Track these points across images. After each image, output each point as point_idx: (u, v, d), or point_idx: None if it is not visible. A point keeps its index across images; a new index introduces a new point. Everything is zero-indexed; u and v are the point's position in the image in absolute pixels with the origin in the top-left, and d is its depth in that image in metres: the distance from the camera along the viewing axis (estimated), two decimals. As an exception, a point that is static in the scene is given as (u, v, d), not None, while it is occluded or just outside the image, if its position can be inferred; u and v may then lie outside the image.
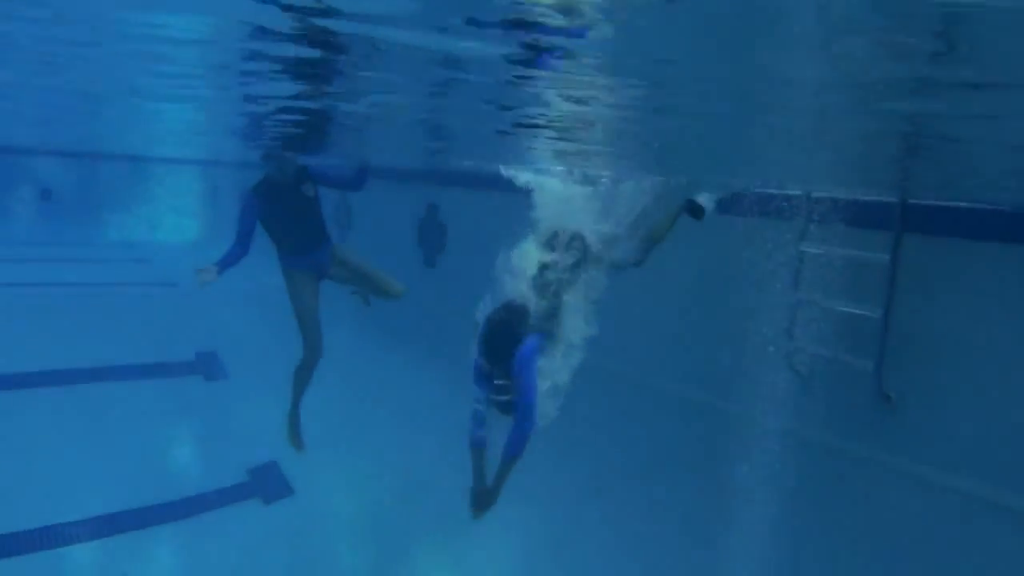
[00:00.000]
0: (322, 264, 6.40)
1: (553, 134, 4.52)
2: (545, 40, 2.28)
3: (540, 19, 2.05)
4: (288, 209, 6.15)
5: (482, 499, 4.82)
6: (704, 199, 5.74)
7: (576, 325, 4.89)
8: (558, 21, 2.05)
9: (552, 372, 4.73)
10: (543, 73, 2.78)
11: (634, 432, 7.51)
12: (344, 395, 8.81)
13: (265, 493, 7.21)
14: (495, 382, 4.65)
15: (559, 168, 6.17)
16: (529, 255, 5.00)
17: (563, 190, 5.44)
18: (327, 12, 2.21)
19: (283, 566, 6.07)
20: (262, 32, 2.58)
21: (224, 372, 10.23)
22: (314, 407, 7.45)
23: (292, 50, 2.80)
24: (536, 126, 4.23)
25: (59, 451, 7.55)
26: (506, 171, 5.55)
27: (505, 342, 4.63)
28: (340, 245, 6.48)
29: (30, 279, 14.45)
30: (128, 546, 6.22)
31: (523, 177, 5.44)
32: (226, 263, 5.88)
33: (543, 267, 4.97)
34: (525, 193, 5.38)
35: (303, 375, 6.69)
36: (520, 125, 4.31)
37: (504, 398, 4.60)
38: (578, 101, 3.39)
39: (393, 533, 6.38)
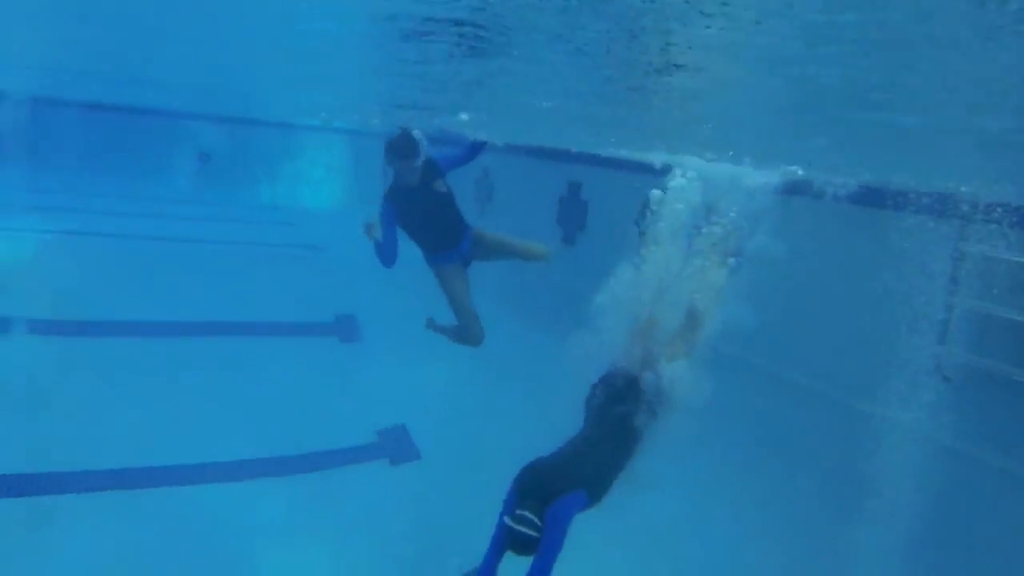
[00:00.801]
0: (466, 253, 6.40)
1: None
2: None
3: None
4: (424, 209, 6.15)
5: None
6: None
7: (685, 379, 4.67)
8: None
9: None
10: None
11: (767, 425, 7.30)
12: (478, 368, 8.91)
13: (393, 455, 7.42)
14: (520, 512, 4.10)
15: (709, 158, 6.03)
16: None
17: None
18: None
19: (402, 527, 6.21)
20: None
21: (360, 336, 10.56)
22: (448, 378, 7.62)
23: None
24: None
25: (204, 396, 8.00)
26: (658, 158, 5.45)
27: (548, 488, 4.17)
28: (479, 228, 6.47)
29: (187, 235, 15.32)
30: (259, 491, 6.54)
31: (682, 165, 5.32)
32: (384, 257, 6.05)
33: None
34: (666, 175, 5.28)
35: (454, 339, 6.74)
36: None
37: (524, 532, 4.01)
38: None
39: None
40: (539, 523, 4.00)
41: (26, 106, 19.02)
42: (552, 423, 7.73)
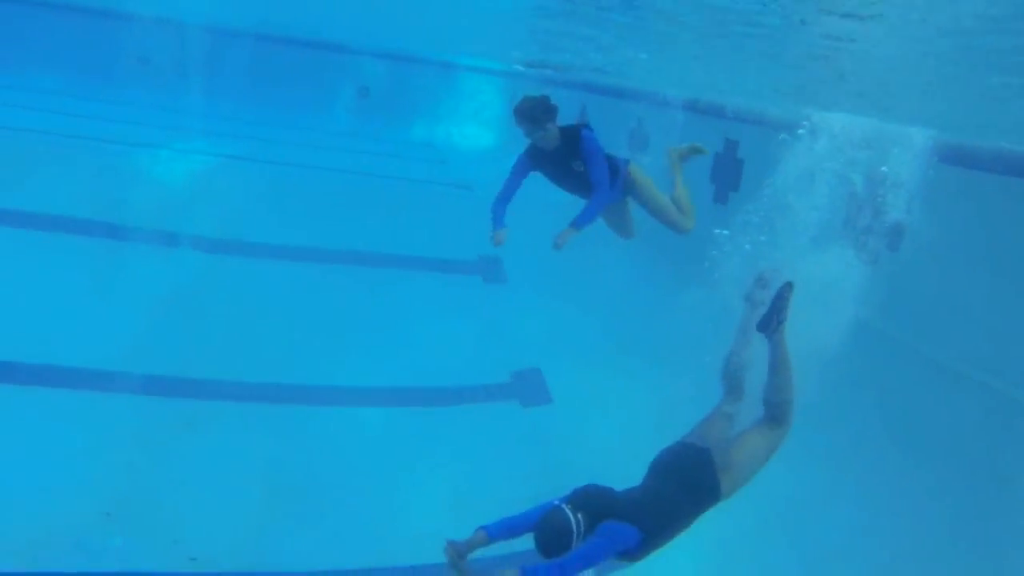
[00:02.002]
0: (618, 191, 6.16)
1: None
2: None
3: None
4: (559, 176, 5.94)
5: None
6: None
7: None
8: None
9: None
10: None
11: (910, 407, 6.93)
12: (619, 320, 8.89)
13: (524, 397, 7.52)
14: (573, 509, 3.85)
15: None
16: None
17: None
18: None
19: (528, 469, 6.29)
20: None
21: (503, 277, 10.68)
22: (587, 326, 7.62)
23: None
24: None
25: (347, 322, 8.33)
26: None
27: (609, 510, 3.89)
28: (635, 164, 6.13)
29: (343, 166, 15.83)
30: (389, 419, 6.79)
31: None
32: (498, 218, 5.84)
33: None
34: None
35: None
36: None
37: (569, 522, 3.76)
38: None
39: (643, 460, 6.41)
40: (583, 529, 3.77)
41: (204, 36, 20.04)
42: (683, 377, 7.65)
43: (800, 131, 5.98)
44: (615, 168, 5.94)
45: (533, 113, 5.55)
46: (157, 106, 18.12)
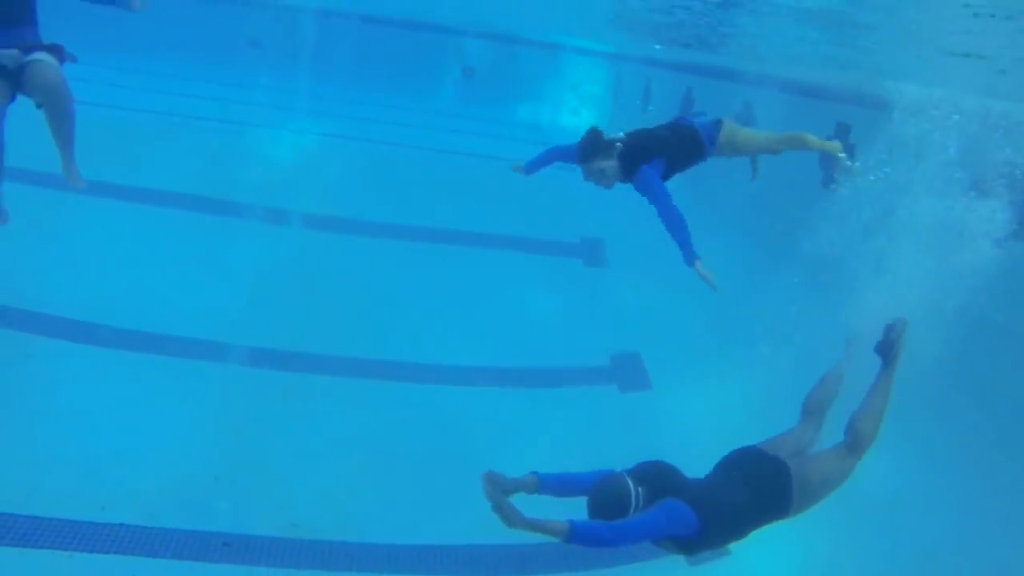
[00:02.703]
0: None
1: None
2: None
3: None
4: None
5: None
6: None
7: None
8: None
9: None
10: None
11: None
12: (720, 305, 8.69)
13: (623, 381, 7.44)
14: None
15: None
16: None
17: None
18: None
19: (623, 454, 6.20)
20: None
21: (605, 261, 10.59)
22: (689, 313, 7.46)
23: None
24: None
25: (449, 301, 8.40)
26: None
27: (672, 488, 3.70)
28: (727, 124, 5.46)
29: (446, 146, 15.97)
30: (486, 398, 6.81)
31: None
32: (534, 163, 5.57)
33: None
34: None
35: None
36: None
37: (631, 492, 3.60)
38: None
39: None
40: (641, 503, 3.58)
41: (312, 18, 20.49)
42: (784, 366, 7.44)
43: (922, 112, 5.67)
44: (699, 145, 5.35)
45: (581, 151, 5.11)
46: (267, 87, 18.64)
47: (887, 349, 4.31)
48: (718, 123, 5.29)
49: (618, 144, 4.98)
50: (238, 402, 6.05)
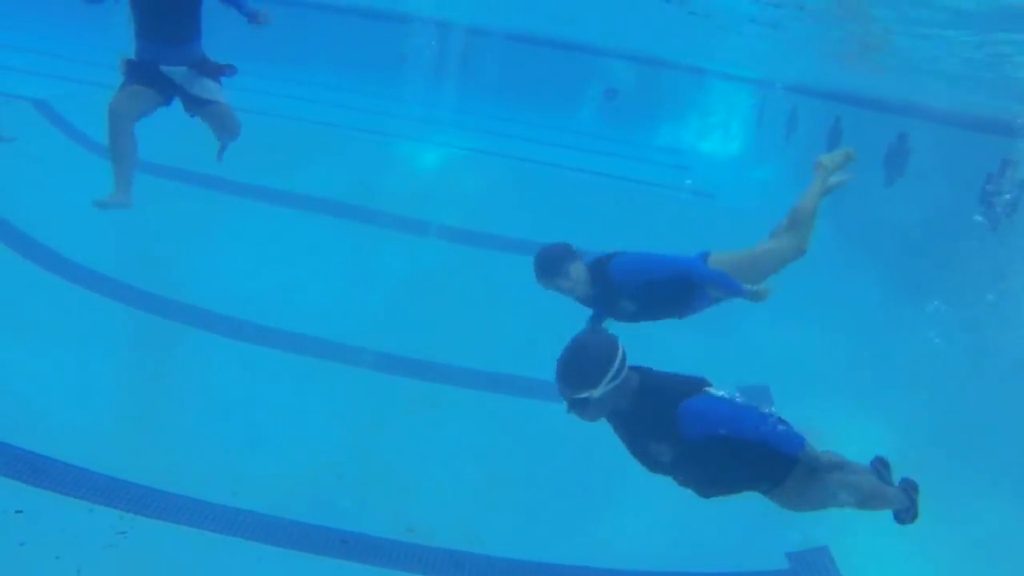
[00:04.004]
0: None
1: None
2: None
3: None
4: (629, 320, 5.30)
5: None
6: None
7: None
8: None
9: None
10: None
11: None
12: (853, 340, 8.42)
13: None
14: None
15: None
16: None
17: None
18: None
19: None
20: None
21: (740, 289, 10.33)
22: (820, 344, 7.21)
23: None
24: None
25: (580, 324, 8.38)
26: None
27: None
28: (714, 255, 5.25)
29: (585, 166, 16.01)
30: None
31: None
32: None
33: None
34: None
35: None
36: None
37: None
38: None
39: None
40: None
41: (459, 35, 21.07)
42: (925, 415, 7.09)
43: None
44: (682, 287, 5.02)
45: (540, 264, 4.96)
46: (415, 100, 19.24)
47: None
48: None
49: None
50: (368, 405, 6.26)
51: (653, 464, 3.81)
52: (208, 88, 6.02)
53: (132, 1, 5.63)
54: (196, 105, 6.08)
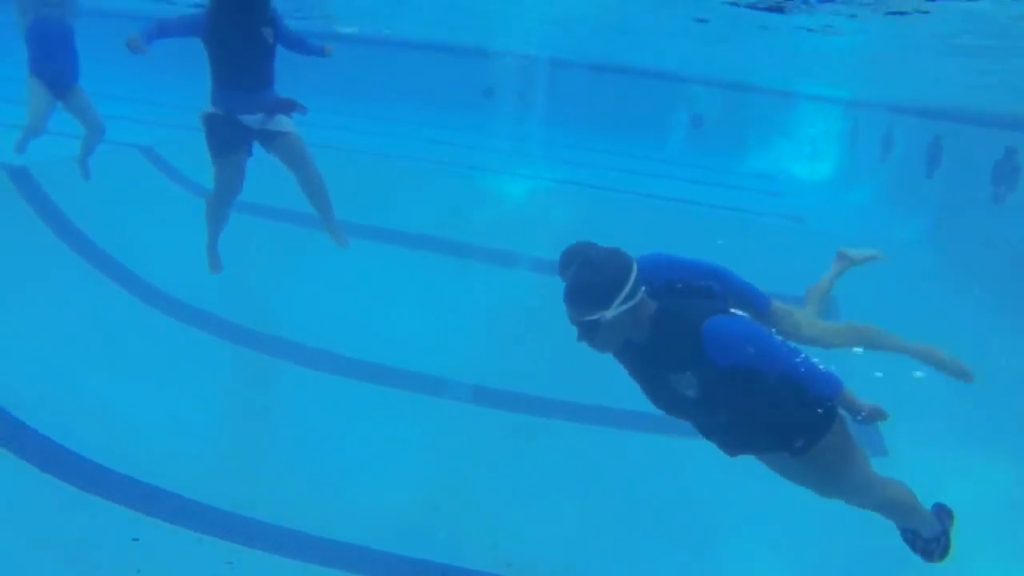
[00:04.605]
0: None
1: None
2: None
3: None
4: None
5: None
6: None
7: None
8: None
9: None
10: None
11: None
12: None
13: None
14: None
15: None
16: None
17: None
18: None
19: (848, 526, 5.78)
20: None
21: (835, 315, 10.04)
22: (930, 378, 6.92)
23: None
24: None
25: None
26: None
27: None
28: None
29: (674, 195, 15.87)
30: (717, 457, 6.55)
31: None
32: None
33: None
34: None
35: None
36: None
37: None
38: None
39: (986, 545, 5.69)
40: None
41: (545, 67, 21.24)
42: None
43: None
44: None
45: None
46: (500, 134, 19.45)
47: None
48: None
49: None
50: (463, 438, 6.28)
51: (674, 404, 3.47)
52: (279, 121, 6.20)
53: (210, 51, 5.84)
54: (271, 139, 6.26)
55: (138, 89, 18.66)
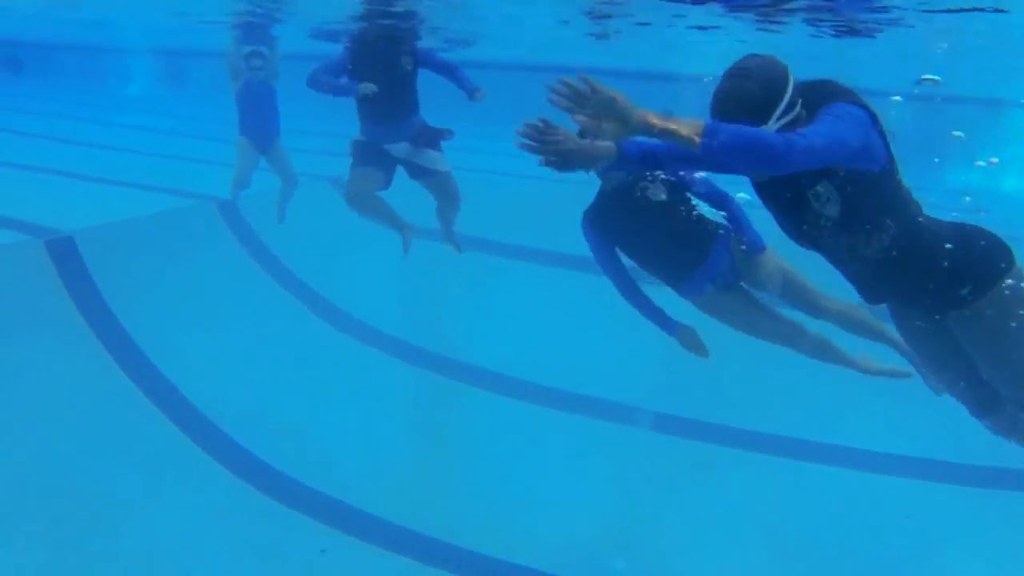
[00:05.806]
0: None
1: None
2: None
3: None
4: None
5: None
6: None
7: None
8: None
9: None
10: None
11: None
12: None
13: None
14: None
15: None
16: None
17: None
18: None
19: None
20: None
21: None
22: None
23: None
24: None
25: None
26: None
27: None
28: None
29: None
30: (913, 492, 6.09)
31: None
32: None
33: None
34: None
35: None
36: None
37: None
38: None
39: None
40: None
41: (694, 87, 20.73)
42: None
43: None
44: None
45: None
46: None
47: None
48: None
49: None
50: (643, 466, 6.14)
51: (819, 225, 2.88)
52: (431, 158, 6.31)
53: None
54: (420, 173, 6.40)
55: (322, 123, 19.71)
